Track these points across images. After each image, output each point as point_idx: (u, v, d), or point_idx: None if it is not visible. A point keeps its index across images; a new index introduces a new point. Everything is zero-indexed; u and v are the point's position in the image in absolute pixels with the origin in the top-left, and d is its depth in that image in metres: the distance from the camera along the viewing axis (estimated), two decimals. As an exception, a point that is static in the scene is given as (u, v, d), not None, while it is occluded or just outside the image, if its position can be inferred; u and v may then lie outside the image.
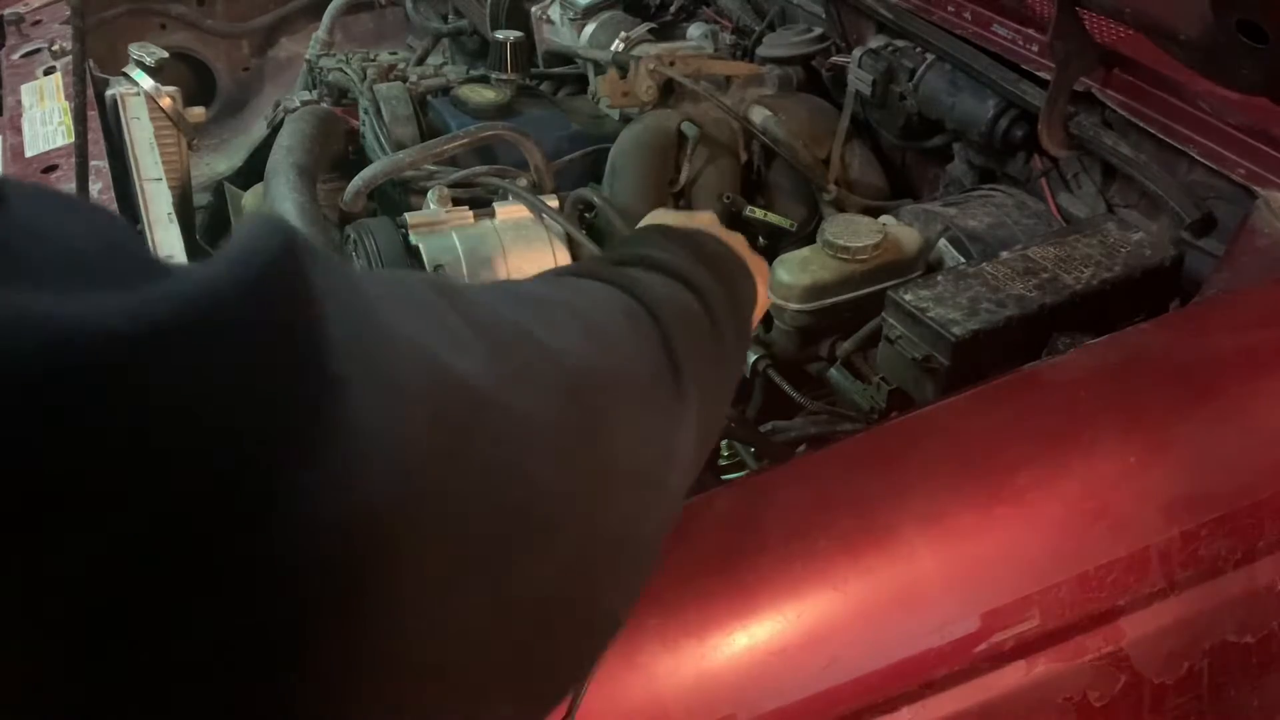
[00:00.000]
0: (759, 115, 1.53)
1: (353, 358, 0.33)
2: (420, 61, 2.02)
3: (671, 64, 1.56)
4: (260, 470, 0.29)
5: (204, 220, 1.84)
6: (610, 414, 0.48)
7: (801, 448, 1.06)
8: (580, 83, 1.84)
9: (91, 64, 1.69)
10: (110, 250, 0.31)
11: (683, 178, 1.48)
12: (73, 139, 1.40)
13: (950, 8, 1.43)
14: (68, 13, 1.47)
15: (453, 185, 1.41)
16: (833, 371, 1.18)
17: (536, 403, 0.43)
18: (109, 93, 1.65)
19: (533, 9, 1.91)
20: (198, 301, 0.29)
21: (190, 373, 0.28)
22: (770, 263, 1.23)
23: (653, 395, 0.53)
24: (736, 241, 0.78)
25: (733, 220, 1.48)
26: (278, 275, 0.31)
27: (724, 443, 1.16)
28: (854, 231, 1.21)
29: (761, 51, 1.68)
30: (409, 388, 0.35)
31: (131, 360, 0.27)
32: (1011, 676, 0.76)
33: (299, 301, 0.32)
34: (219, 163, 2.20)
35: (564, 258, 1.32)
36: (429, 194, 1.37)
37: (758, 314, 0.77)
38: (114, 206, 1.32)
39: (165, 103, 1.68)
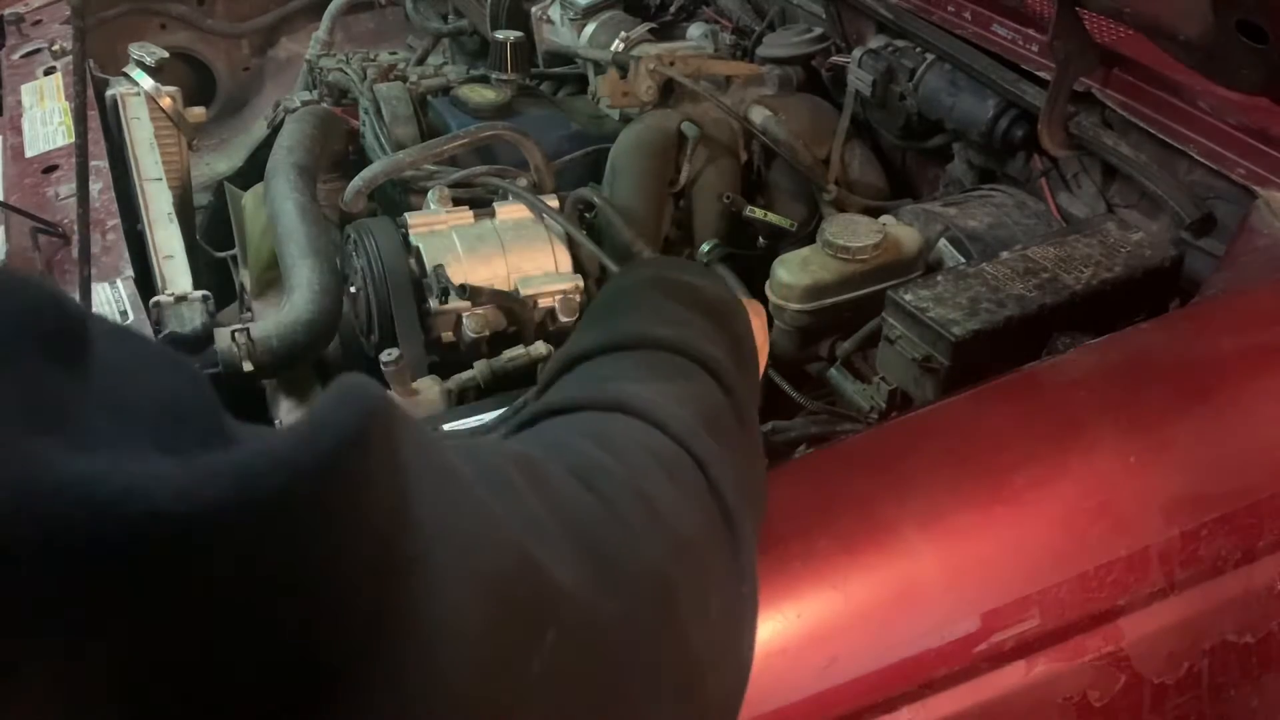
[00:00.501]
0: (759, 115, 1.53)
1: (433, 541, 0.31)
2: (420, 61, 2.02)
3: (671, 64, 1.56)
4: (307, 668, 0.27)
5: (204, 220, 1.84)
6: (689, 606, 0.46)
7: (801, 448, 1.06)
8: (580, 83, 1.84)
9: (91, 64, 1.69)
10: (176, 411, 0.29)
11: (683, 178, 1.48)
12: (73, 139, 1.40)
13: (950, 8, 1.43)
14: (68, 13, 1.47)
15: (453, 185, 1.41)
16: (833, 371, 1.18)
17: (621, 612, 0.41)
18: (109, 93, 1.65)
19: (533, 9, 1.91)
20: (257, 480, 0.26)
21: (235, 559, 0.26)
22: (770, 263, 1.23)
23: (715, 562, 0.50)
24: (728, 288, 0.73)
25: (733, 220, 1.48)
26: (353, 453, 0.28)
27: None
28: (854, 231, 1.21)
29: (761, 51, 1.68)
30: (492, 576, 0.34)
31: (171, 543, 0.25)
32: (1011, 676, 0.76)
33: (378, 482, 0.29)
34: (219, 163, 2.20)
35: (564, 258, 1.32)
36: (429, 194, 1.37)
37: (761, 356, 0.72)
38: (114, 206, 1.32)
39: (165, 103, 1.68)
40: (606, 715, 0.40)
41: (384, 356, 1.13)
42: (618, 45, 1.71)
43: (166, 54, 1.77)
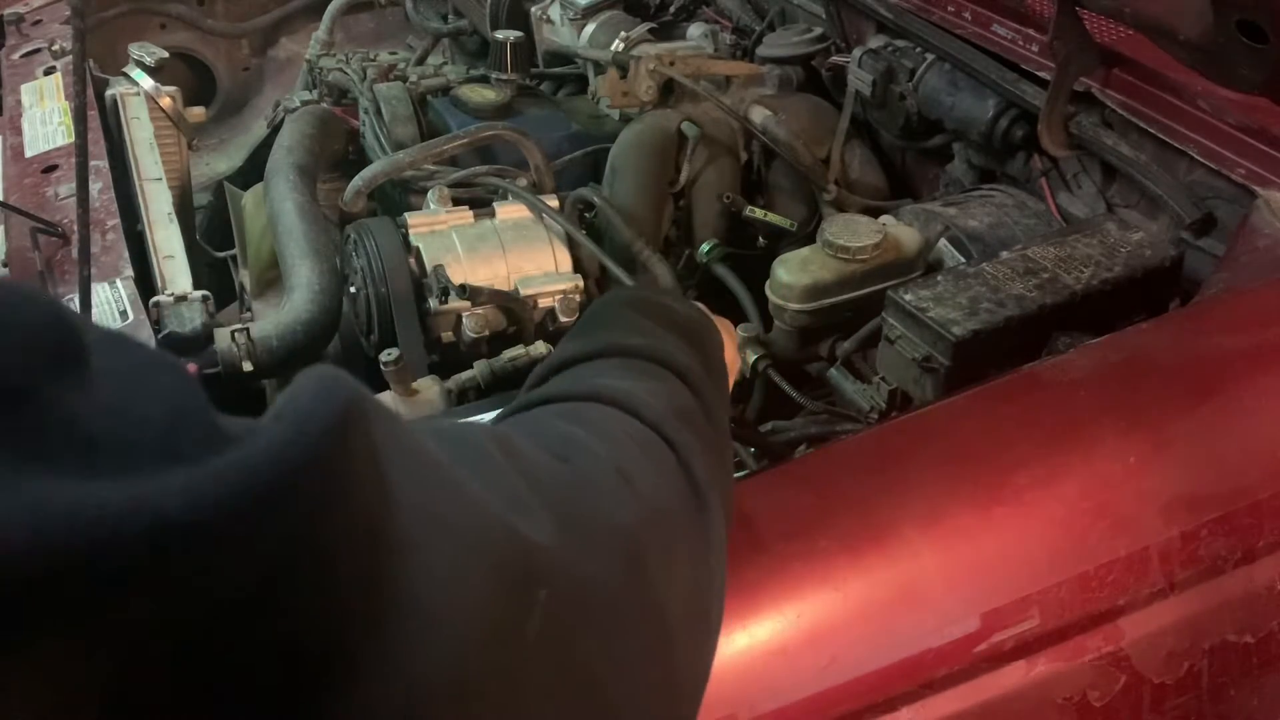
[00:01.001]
0: (759, 115, 1.53)
1: (418, 520, 0.32)
2: (420, 61, 2.02)
3: (671, 64, 1.56)
4: (315, 655, 0.28)
5: (204, 220, 1.84)
6: (660, 568, 0.48)
7: (801, 448, 1.06)
8: (580, 83, 1.84)
9: (91, 64, 1.69)
10: (176, 414, 0.30)
11: (683, 178, 1.48)
12: (73, 139, 1.40)
13: (950, 8, 1.43)
14: (68, 13, 1.47)
15: (453, 185, 1.41)
16: (833, 371, 1.18)
17: (598, 570, 0.43)
18: (109, 93, 1.65)
19: (533, 9, 1.91)
20: (255, 478, 0.28)
21: (245, 556, 0.27)
22: (770, 263, 1.23)
23: (686, 531, 0.53)
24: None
25: (733, 220, 1.48)
26: (338, 441, 0.30)
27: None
28: (854, 231, 1.21)
29: (761, 51, 1.68)
30: (475, 554, 0.35)
31: (183, 550, 0.26)
32: (1011, 676, 0.76)
33: (361, 467, 0.31)
34: (219, 163, 2.21)
35: (564, 258, 1.32)
36: (429, 194, 1.37)
37: (731, 375, 0.76)
38: (114, 206, 1.32)
39: (165, 103, 1.68)
40: (593, 673, 0.41)
41: (384, 356, 1.13)
42: (618, 45, 1.71)
43: (166, 54, 1.77)
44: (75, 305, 1.08)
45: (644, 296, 0.73)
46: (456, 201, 1.37)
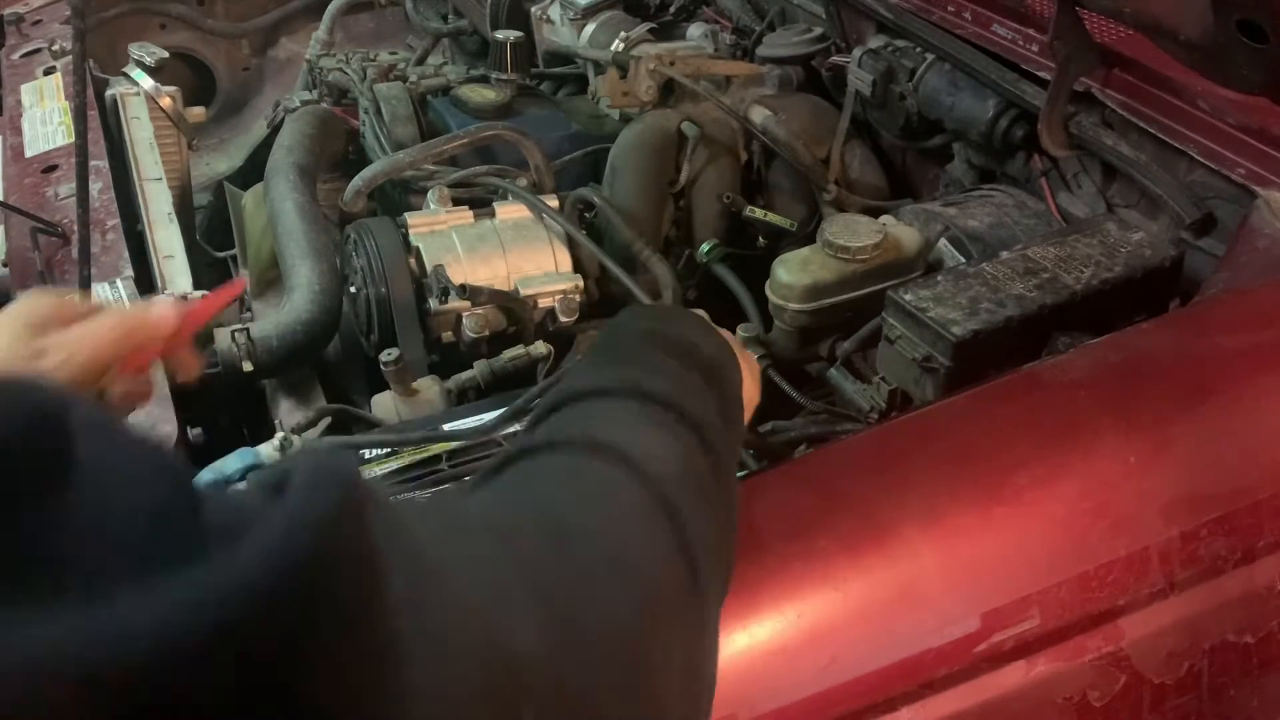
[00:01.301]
0: (759, 115, 1.53)
1: (411, 620, 0.32)
2: (420, 61, 2.02)
3: (671, 64, 1.56)
4: None
5: (204, 220, 1.85)
6: (653, 660, 0.47)
7: (801, 448, 1.06)
8: (580, 83, 1.84)
9: (91, 64, 1.69)
10: (159, 519, 0.29)
11: (683, 178, 1.48)
12: (73, 139, 1.40)
13: (950, 8, 1.43)
14: (68, 13, 1.47)
15: (453, 185, 1.41)
16: (833, 371, 1.18)
17: (587, 676, 0.42)
18: (109, 93, 1.65)
19: (533, 9, 1.91)
20: (249, 591, 0.27)
21: (227, 671, 0.27)
22: (770, 263, 1.23)
23: (679, 615, 0.52)
24: (726, 337, 0.74)
25: (733, 220, 1.48)
26: (336, 542, 0.29)
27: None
28: (854, 231, 1.21)
29: (761, 51, 1.69)
30: (465, 658, 0.35)
31: (156, 679, 0.26)
32: (1011, 676, 0.76)
33: (357, 568, 0.30)
34: (219, 163, 2.21)
35: (564, 258, 1.32)
36: (429, 194, 1.37)
37: (747, 412, 0.74)
38: (114, 206, 1.32)
39: (165, 103, 1.68)
40: None
41: (384, 356, 1.13)
42: (618, 45, 1.71)
43: (166, 54, 1.77)
44: (75, 305, 1.07)
45: (666, 331, 0.70)
46: (456, 201, 1.37)
